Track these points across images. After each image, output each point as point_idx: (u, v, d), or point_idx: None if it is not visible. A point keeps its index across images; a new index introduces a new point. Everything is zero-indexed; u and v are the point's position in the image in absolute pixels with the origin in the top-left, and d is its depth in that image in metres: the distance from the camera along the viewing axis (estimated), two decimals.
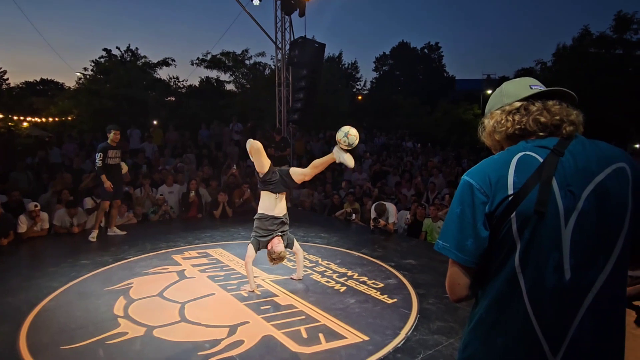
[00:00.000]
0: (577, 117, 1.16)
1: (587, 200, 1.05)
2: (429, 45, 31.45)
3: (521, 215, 1.06)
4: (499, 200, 1.08)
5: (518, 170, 1.09)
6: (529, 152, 1.12)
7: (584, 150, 1.11)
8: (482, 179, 1.11)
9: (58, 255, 5.33)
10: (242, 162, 10.56)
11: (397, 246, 5.93)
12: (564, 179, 1.07)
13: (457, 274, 1.15)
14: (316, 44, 8.76)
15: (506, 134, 1.19)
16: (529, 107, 1.16)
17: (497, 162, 1.14)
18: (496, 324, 1.12)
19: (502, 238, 1.09)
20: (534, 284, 1.07)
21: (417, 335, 3.25)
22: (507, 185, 1.08)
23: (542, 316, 1.06)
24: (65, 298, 3.94)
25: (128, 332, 3.24)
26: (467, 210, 1.11)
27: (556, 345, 1.05)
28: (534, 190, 1.06)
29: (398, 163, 11.97)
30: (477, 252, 1.11)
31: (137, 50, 18.62)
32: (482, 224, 1.10)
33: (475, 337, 1.17)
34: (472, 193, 1.11)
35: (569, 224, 1.05)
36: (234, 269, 4.80)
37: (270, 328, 3.33)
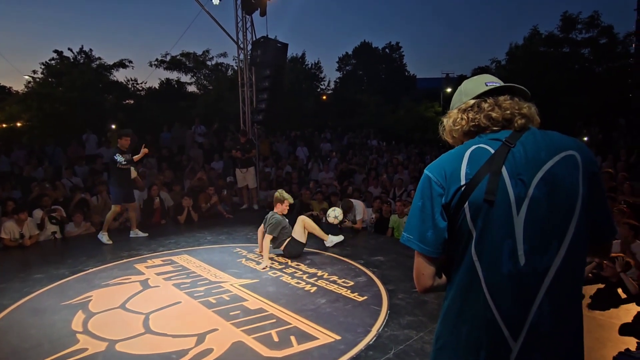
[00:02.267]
0: (529, 109, 1.20)
1: (537, 188, 1.09)
2: (390, 45, 32.02)
3: (473, 205, 1.10)
4: (453, 191, 1.13)
5: (470, 162, 1.14)
6: (482, 145, 1.16)
7: (534, 141, 1.15)
8: (439, 172, 1.16)
9: (8, 270, 4.97)
10: (207, 165, 10.32)
11: (365, 243, 5.98)
12: (514, 168, 1.10)
13: (421, 264, 1.20)
14: (279, 43, 8.69)
15: (462, 131, 1.24)
16: (481, 105, 1.21)
17: (452, 156, 1.19)
18: (461, 313, 1.15)
19: (459, 228, 1.13)
20: (491, 272, 1.10)
21: (388, 332, 3.28)
22: (460, 176, 1.13)
23: (501, 303, 1.09)
24: (18, 316, 3.68)
25: (88, 348, 3.07)
26: (427, 203, 1.16)
27: (516, 331, 1.08)
28: (484, 180, 1.10)
29: (364, 161, 12.10)
30: (437, 242, 1.15)
31: (90, 51, 17.75)
32: (440, 215, 1.15)
33: (444, 328, 1.20)
34: (430, 186, 1.16)
35: (521, 211, 1.08)
36: (200, 275, 4.66)
37: (240, 334, 3.25)
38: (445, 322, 1.20)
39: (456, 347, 1.16)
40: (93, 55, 17.55)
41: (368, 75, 30.19)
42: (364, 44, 31.57)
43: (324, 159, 12.03)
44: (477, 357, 1.11)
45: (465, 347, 1.14)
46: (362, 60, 30.86)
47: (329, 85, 27.04)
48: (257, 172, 9.11)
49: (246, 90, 9.69)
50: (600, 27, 16.38)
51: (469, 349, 1.13)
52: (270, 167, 11.01)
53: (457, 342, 1.15)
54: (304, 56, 24.75)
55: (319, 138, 14.52)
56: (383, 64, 31.64)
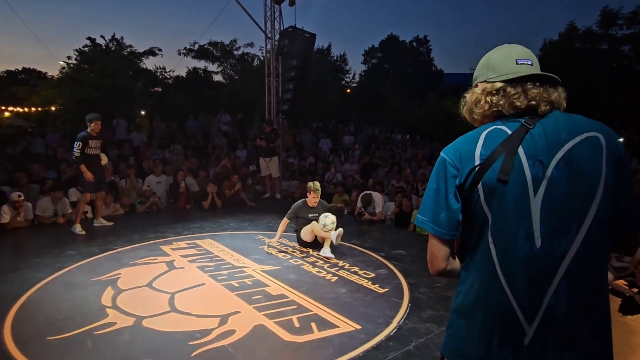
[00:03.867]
0: (558, 96, 1.15)
1: (556, 168, 1.05)
2: (418, 38, 31.44)
3: (487, 185, 1.08)
4: (467, 172, 1.12)
5: (486, 142, 1.12)
6: (499, 126, 1.14)
7: (556, 123, 1.11)
8: (454, 154, 1.15)
9: (42, 246, 5.20)
10: (231, 153, 10.46)
11: (386, 237, 5.95)
12: (532, 149, 1.08)
13: (434, 246, 1.19)
14: (307, 34, 8.66)
15: (483, 114, 1.20)
16: (507, 89, 1.16)
17: (468, 137, 1.17)
18: (475, 299, 1.13)
19: (474, 210, 1.12)
20: (506, 254, 1.07)
21: (408, 324, 3.27)
22: (474, 157, 1.11)
23: (515, 286, 1.06)
24: (51, 289, 3.86)
25: (117, 322, 3.18)
26: (441, 184, 1.15)
27: (531, 314, 1.05)
28: (499, 160, 1.08)
29: (387, 155, 12.00)
30: (450, 224, 1.14)
31: (122, 39, 18.17)
32: (454, 196, 1.13)
33: (457, 314, 1.18)
34: (445, 167, 1.15)
35: (538, 192, 1.05)
36: (224, 259, 4.76)
37: (262, 318, 3.30)
38: (459, 308, 1.18)
39: (469, 334, 1.14)
40: (124, 43, 17.99)
41: (394, 68, 29.77)
42: (391, 37, 31.11)
43: (346, 152, 11.99)
44: (489, 342, 1.09)
45: (479, 333, 1.11)
46: (388, 53, 30.44)
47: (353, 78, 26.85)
48: (280, 162, 9.17)
49: (272, 80, 9.73)
50: None
51: (482, 335, 1.11)
52: (293, 157, 11.06)
53: (470, 329, 1.14)
54: (330, 48, 24.64)
55: (343, 131, 14.48)
56: (410, 57, 31.13)
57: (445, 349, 1.22)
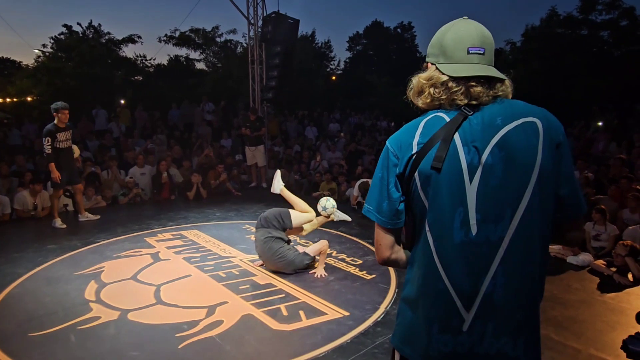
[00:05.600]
0: (504, 91, 1.12)
1: (490, 154, 1.04)
2: (402, 25, 31.30)
3: (422, 174, 1.09)
4: (406, 161, 1.12)
5: (424, 130, 1.12)
6: (438, 114, 1.13)
7: (492, 109, 1.09)
8: (396, 143, 1.15)
9: (22, 240, 5.07)
10: (216, 142, 10.32)
11: (374, 224, 5.97)
12: (469, 135, 1.06)
13: (378, 235, 1.20)
14: (290, 19, 8.51)
15: (424, 103, 1.18)
16: (449, 84, 1.12)
17: (409, 126, 1.17)
18: (417, 287, 1.14)
19: (413, 199, 1.13)
20: (442, 242, 1.08)
21: (395, 309, 3.27)
22: (412, 145, 1.12)
23: (452, 273, 1.07)
24: (32, 284, 3.76)
25: (101, 316, 3.13)
26: (384, 174, 1.16)
27: (469, 301, 1.06)
28: (434, 148, 1.07)
29: (373, 143, 12.01)
30: (391, 212, 1.15)
31: (99, 26, 17.61)
32: (394, 186, 1.14)
33: (405, 304, 1.19)
34: (387, 157, 1.16)
35: (474, 179, 1.05)
36: (210, 249, 4.71)
37: (250, 307, 3.29)
38: (405, 297, 1.19)
39: (413, 322, 1.15)
40: (102, 31, 17.46)
41: (379, 55, 29.64)
42: (375, 23, 30.90)
43: (332, 139, 11.95)
44: (430, 330, 1.10)
45: (421, 319, 1.12)
46: (373, 40, 30.27)
47: (338, 65, 26.68)
48: (266, 150, 9.08)
49: (256, 67, 9.58)
50: (622, 8, 15.80)
51: (424, 323, 1.12)
52: (279, 146, 10.97)
53: (415, 317, 1.14)
54: (314, 35, 24.38)
55: (328, 118, 14.40)
56: (394, 44, 31.02)
57: (395, 338, 1.22)
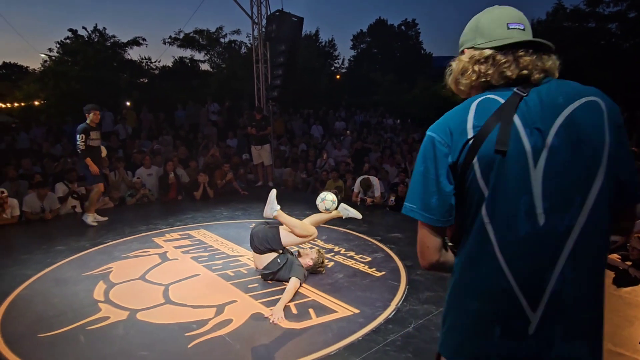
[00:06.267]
0: (552, 65, 1.06)
1: (556, 136, 0.96)
2: (406, 22, 31.13)
3: (483, 159, 0.98)
4: (460, 147, 1.01)
5: (477, 113, 1.02)
6: (489, 96, 1.04)
7: (549, 89, 1.02)
8: (442, 130, 1.05)
9: (31, 242, 5.08)
10: (221, 142, 10.31)
11: (381, 221, 5.92)
12: (528, 116, 0.98)
13: (425, 236, 1.08)
14: (294, 17, 8.46)
15: (470, 84, 1.10)
16: (497, 57, 1.05)
17: (456, 111, 1.07)
18: (471, 287, 1.04)
19: (469, 189, 1.02)
20: (505, 234, 0.98)
21: (407, 306, 3.25)
22: (466, 129, 1.01)
23: (517, 268, 0.97)
24: (41, 285, 3.76)
25: (110, 316, 3.11)
26: (430, 166, 1.04)
27: (535, 300, 0.96)
28: (494, 130, 0.98)
29: (379, 140, 11.94)
30: (442, 209, 1.04)
31: (104, 30, 17.70)
32: (446, 178, 1.03)
33: (452, 306, 1.10)
34: (434, 147, 1.04)
35: (538, 163, 0.96)
36: (218, 249, 4.69)
37: (259, 306, 3.26)
38: (453, 299, 1.09)
39: (467, 326, 1.05)
40: (107, 34, 17.53)
41: (383, 53, 29.51)
42: (379, 21, 30.78)
43: (337, 138, 11.91)
44: (491, 334, 1.00)
45: (478, 324, 1.02)
46: (377, 38, 30.15)
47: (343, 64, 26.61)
48: (271, 149, 9.05)
49: (261, 66, 9.55)
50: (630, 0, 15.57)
51: (481, 326, 1.02)
52: (285, 145, 10.94)
53: (468, 320, 1.04)
54: (318, 33, 24.33)
55: (334, 117, 14.35)
56: (398, 42, 30.87)
57: (443, 347, 1.11)
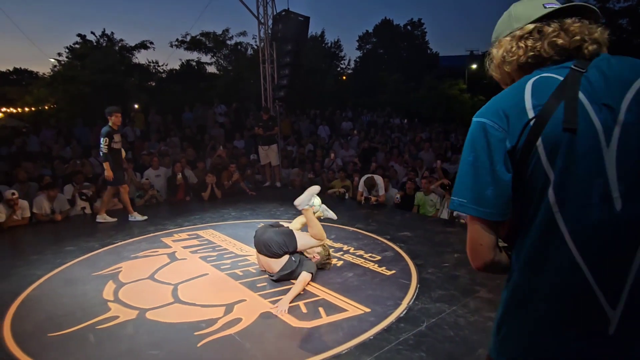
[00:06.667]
0: (601, 34, 0.98)
1: (629, 112, 0.87)
2: (412, 22, 31.02)
3: (549, 140, 0.88)
4: (519, 130, 0.91)
5: (535, 92, 0.93)
6: (544, 74, 0.95)
7: (610, 64, 0.94)
8: (495, 114, 0.95)
9: (41, 243, 5.11)
10: (228, 144, 10.33)
11: (390, 220, 5.86)
12: (593, 93, 0.90)
13: (478, 232, 0.97)
14: (300, 17, 8.45)
15: (518, 63, 1.01)
16: (543, 29, 0.98)
17: (508, 93, 0.98)
18: (536, 286, 0.93)
19: (531, 176, 0.91)
20: (578, 222, 0.88)
21: (418, 305, 3.19)
22: (525, 110, 0.91)
23: (594, 260, 0.87)
24: (51, 285, 3.76)
25: (119, 316, 3.10)
26: (481, 155, 0.94)
27: (615, 296, 0.86)
28: (559, 108, 0.88)
29: (386, 140, 11.88)
30: (499, 200, 0.93)
31: (112, 34, 17.88)
32: (504, 165, 0.92)
33: (511, 313, 0.98)
34: (486, 133, 0.94)
35: (611, 142, 0.87)
36: (226, 248, 4.67)
37: (268, 305, 3.22)
38: (511, 304, 0.98)
39: (534, 330, 0.93)
40: (115, 38, 17.71)
41: (389, 53, 29.42)
42: (385, 21, 30.71)
43: (345, 138, 11.87)
44: (564, 337, 0.89)
45: (547, 327, 0.91)
46: (382, 38, 30.08)
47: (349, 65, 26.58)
48: (279, 150, 9.04)
49: (267, 66, 9.55)
50: None
51: (552, 329, 0.91)
52: (292, 145, 10.93)
53: (535, 324, 0.93)
54: (323, 35, 24.33)
55: (340, 117, 14.32)
56: (404, 41, 30.76)
57: (500, 354, 1.00)
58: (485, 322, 2.89)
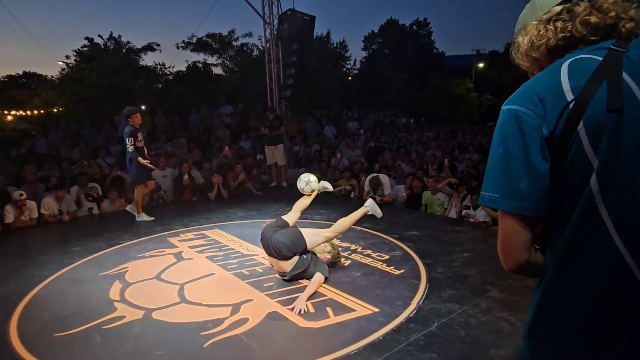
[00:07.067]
0: (636, 13, 0.91)
1: None
2: (418, 21, 30.87)
3: (592, 123, 0.81)
4: (557, 115, 0.84)
5: (572, 74, 0.86)
6: (581, 56, 0.89)
7: None
8: (528, 100, 0.87)
9: (48, 243, 5.12)
10: (234, 144, 10.32)
11: (398, 219, 5.80)
12: (638, 73, 0.83)
13: (511, 230, 0.89)
14: (306, 16, 8.42)
15: (547, 47, 0.94)
16: (573, 9, 0.92)
17: (542, 77, 0.91)
18: (575, 284, 0.85)
19: (571, 164, 0.84)
20: (624, 213, 0.80)
21: (428, 305, 3.13)
22: (562, 92, 0.84)
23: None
24: (58, 285, 3.75)
25: (125, 315, 3.08)
26: (513, 145, 0.87)
27: None
28: (601, 89, 0.82)
29: (392, 139, 11.81)
30: (535, 193, 0.86)
31: (119, 37, 17.99)
32: (541, 154, 0.85)
33: (545, 314, 0.91)
34: (519, 120, 0.86)
35: None
36: (232, 248, 4.63)
37: (275, 305, 3.18)
38: (547, 303, 0.90)
39: (571, 333, 0.86)
40: (122, 41, 17.82)
41: (395, 53, 29.30)
42: (391, 21, 30.61)
43: (351, 138, 11.81)
44: (607, 339, 0.82)
45: (588, 329, 0.84)
46: (388, 38, 29.97)
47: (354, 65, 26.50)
48: (285, 149, 9.01)
49: (273, 66, 9.53)
50: None
51: (593, 331, 0.83)
52: (298, 145, 10.90)
53: (573, 326, 0.85)
54: (329, 35, 24.27)
55: (347, 117, 14.26)
56: (410, 41, 30.63)
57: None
58: (498, 323, 2.82)
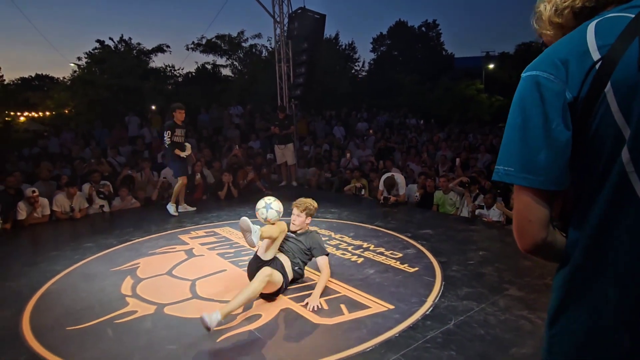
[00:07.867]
0: None
1: None
2: (427, 23, 30.73)
3: (621, 84, 0.73)
4: (582, 77, 0.76)
5: (600, 32, 0.78)
6: (609, 15, 0.81)
7: None
8: (550, 64, 0.80)
9: (60, 239, 5.13)
10: (244, 144, 10.31)
11: (411, 218, 5.72)
12: None
13: (528, 206, 0.81)
14: (316, 15, 8.39)
15: (573, 10, 0.87)
16: None
17: (565, 39, 0.83)
18: (605, 267, 0.77)
19: (597, 131, 0.76)
20: None
21: (445, 302, 3.05)
22: (588, 52, 0.77)
23: None
24: (70, 280, 3.75)
25: (137, 310, 3.05)
26: (532, 114, 0.79)
27: None
28: (632, 46, 0.73)
29: (402, 140, 11.72)
30: (555, 165, 0.78)
31: (130, 40, 18.16)
32: (562, 123, 0.77)
33: (570, 300, 0.82)
34: (539, 86, 0.79)
35: None
36: (244, 245, 4.59)
37: (288, 301, 3.13)
38: (572, 288, 0.82)
39: (596, 324, 0.79)
40: (132, 43, 17.98)
41: (403, 55, 29.18)
42: (399, 23, 30.52)
43: (360, 138, 11.75)
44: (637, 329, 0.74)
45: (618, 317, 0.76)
46: (397, 40, 29.87)
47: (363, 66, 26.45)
48: (295, 149, 8.98)
49: (283, 65, 9.51)
50: None
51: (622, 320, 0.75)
52: (308, 145, 10.87)
53: (603, 314, 0.78)
54: (338, 37, 24.27)
55: (356, 118, 14.20)
56: (419, 43, 30.50)
57: (552, 351, 0.86)
58: (518, 321, 2.74)
